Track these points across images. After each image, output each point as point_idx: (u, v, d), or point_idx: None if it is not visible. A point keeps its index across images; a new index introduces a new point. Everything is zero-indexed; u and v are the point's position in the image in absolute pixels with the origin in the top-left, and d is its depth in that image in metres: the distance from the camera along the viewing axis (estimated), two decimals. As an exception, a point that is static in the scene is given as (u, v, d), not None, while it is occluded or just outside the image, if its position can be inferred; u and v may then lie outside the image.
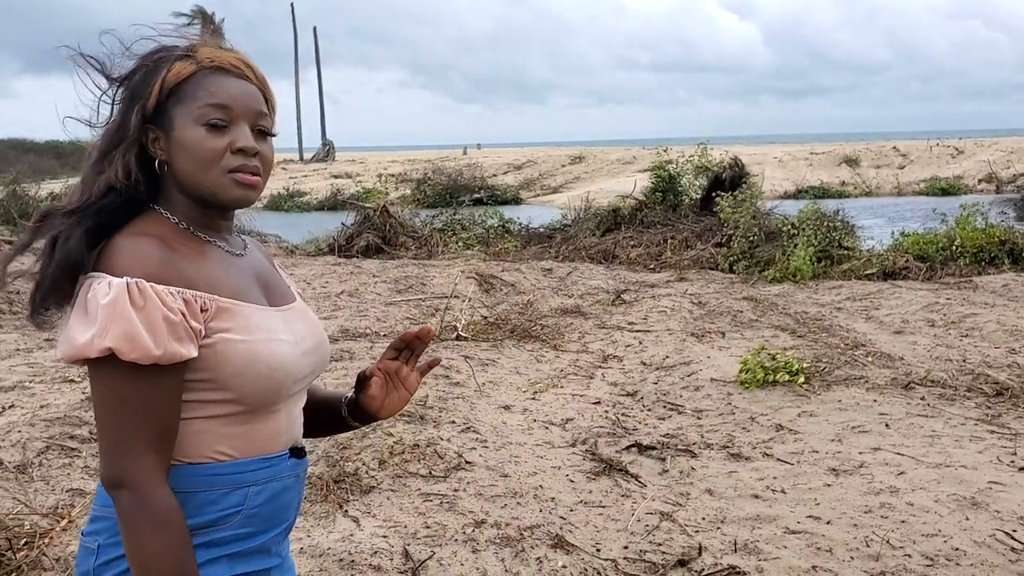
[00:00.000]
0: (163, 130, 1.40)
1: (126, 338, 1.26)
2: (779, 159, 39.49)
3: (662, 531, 3.86)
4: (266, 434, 1.45)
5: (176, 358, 1.30)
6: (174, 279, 1.32)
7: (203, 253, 1.43)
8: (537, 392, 6.12)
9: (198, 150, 1.39)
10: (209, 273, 1.40)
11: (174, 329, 1.29)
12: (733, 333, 7.97)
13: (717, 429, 5.31)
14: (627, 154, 43.08)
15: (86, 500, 3.98)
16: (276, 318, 1.46)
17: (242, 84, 1.44)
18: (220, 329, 1.36)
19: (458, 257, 12.93)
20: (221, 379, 1.36)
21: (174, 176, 1.42)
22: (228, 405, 1.39)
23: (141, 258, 1.31)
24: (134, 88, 1.41)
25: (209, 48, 1.44)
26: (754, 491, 4.33)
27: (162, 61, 1.41)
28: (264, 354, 1.38)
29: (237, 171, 1.41)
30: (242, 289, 1.44)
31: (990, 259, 11.56)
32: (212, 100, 1.39)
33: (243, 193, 1.43)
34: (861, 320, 8.52)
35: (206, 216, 1.45)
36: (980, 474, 4.46)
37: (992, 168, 35.35)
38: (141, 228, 1.38)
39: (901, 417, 5.43)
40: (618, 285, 10.72)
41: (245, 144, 1.41)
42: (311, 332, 1.54)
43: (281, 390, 1.43)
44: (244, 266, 1.50)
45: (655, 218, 14.72)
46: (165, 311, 1.28)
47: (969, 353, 7.05)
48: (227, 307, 1.38)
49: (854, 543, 3.73)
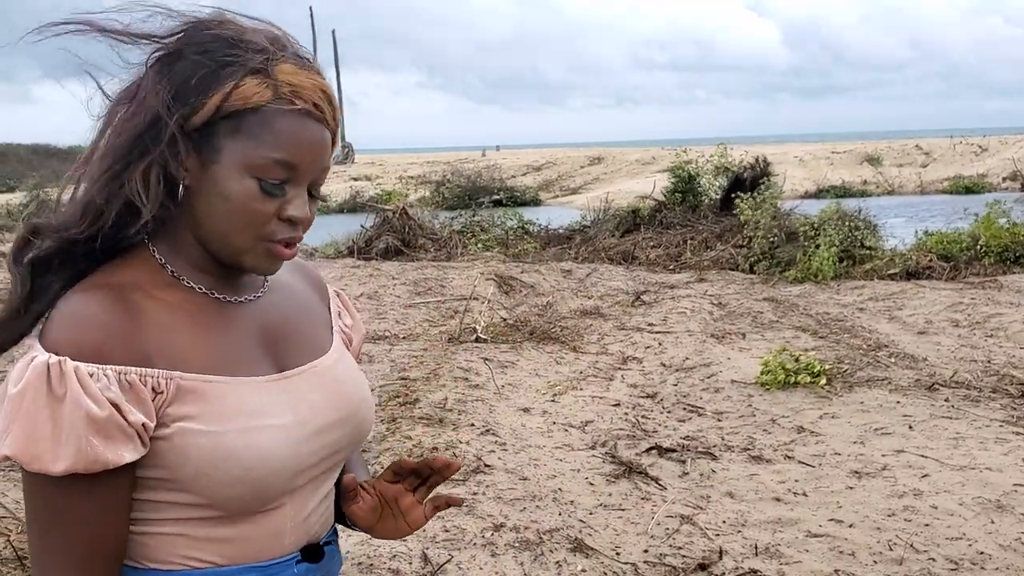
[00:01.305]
0: (199, 154, 1.07)
1: (27, 445, 0.97)
2: (800, 158, 39.25)
3: (682, 534, 3.84)
4: (263, 535, 1.14)
5: (98, 467, 0.99)
6: (119, 354, 1.02)
7: (180, 310, 1.11)
8: (556, 394, 6.10)
9: (241, 207, 1.08)
10: (179, 339, 1.08)
11: (99, 429, 0.99)
12: (753, 334, 7.92)
13: (738, 431, 5.28)
14: (646, 155, 42.97)
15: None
16: (271, 392, 1.13)
17: (316, 131, 1.10)
18: (180, 416, 1.05)
19: (477, 259, 12.93)
20: (180, 478, 1.06)
21: (194, 214, 1.10)
22: (197, 509, 1.09)
23: (79, 326, 1.01)
24: (180, 86, 1.05)
25: (290, 68, 1.08)
26: (775, 494, 4.29)
27: (227, 65, 1.06)
28: (237, 449, 1.06)
29: (277, 242, 1.11)
30: (227, 355, 1.12)
31: (1015, 258, 11.43)
32: (279, 155, 1.07)
33: (272, 265, 1.14)
34: (884, 320, 8.44)
35: (213, 264, 1.15)
36: (1005, 476, 4.41)
37: (1017, 166, 34.95)
38: (109, 277, 1.08)
39: (925, 419, 5.37)
40: (638, 286, 10.68)
41: (300, 215, 1.11)
42: (333, 402, 1.20)
43: (267, 491, 1.10)
44: (244, 319, 1.18)
45: (675, 219, 14.66)
46: (88, 405, 0.98)
47: (994, 354, 6.97)
48: (192, 387, 1.06)
49: (877, 547, 3.70)
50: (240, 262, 1.12)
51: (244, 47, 1.07)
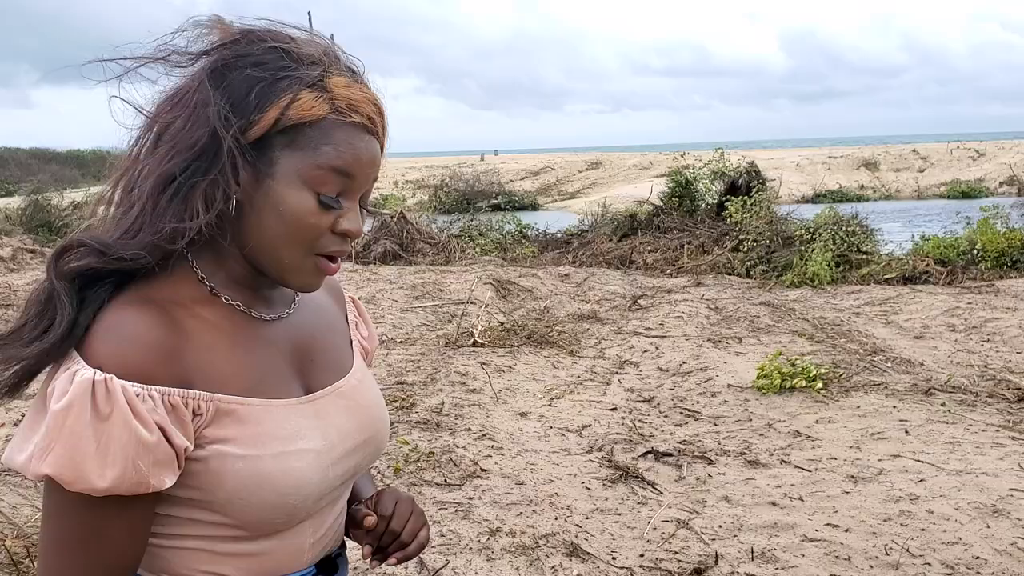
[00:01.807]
0: (255, 168, 1.04)
1: (71, 465, 0.93)
2: (797, 163, 39.31)
3: (678, 539, 3.84)
4: (283, 553, 1.14)
5: (140, 490, 0.97)
6: (162, 374, 0.99)
7: (219, 328, 1.09)
8: (554, 399, 6.10)
9: (297, 222, 1.05)
10: (219, 359, 1.06)
11: (147, 453, 0.96)
12: (750, 338, 7.92)
13: (734, 435, 5.28)
14: (644, 159, 43.03)
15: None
16: (304, 415, 1.12)
17: (371, 144, 1.09)
18: (217, 439, 1.03)
19: (475, 263, 12.94)
20: (214, 500, 1.05)
21: (243, 227, 1.07)
22: (225, 528, 1.08)
23: (124, 342, 0.97)
24: (236, 101, 1.03)
25: (344, 79, 1.07)
26: (771, 498, 4.30)
27: (283, 79, 1.04)
28: (274, 475, 1.05)
29: (327, 256, 1.10)
30: (262, 377, 1.10)
31: (1012, 263, 11.44)
32: (338, 164, 1.05)
33: (317, 282, 1.12)
34: (880, 325, 8.45)
35: (253, 277, 1.13)
36: (1001, 481, 4.41)
37: (1013, 171, 35.03)
38: (150, 291, 1.04)
39: (921, 423, 5.38)
40: (635, 290, 10.69)
41: (353, 227, 1.09)
42: (357, 425, 1.20)
43: (297, 514, 1.10)
44: (276, 338, 1.16)
45: (672, 223, 14.68)
46: (137, 429, 0.95)
47: (990, 358, 6.98)
48: (230, 409, 1.05)
49: (873, 551, 3.70)
50: (287, 279, 1.10)
51: (298, 59, 1.06)
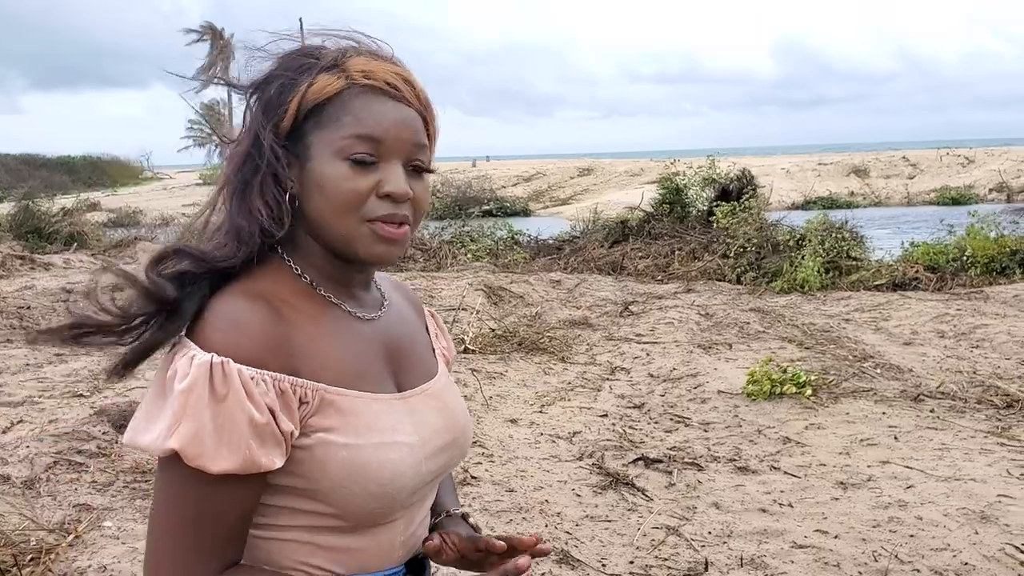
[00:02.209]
0: (297, 158, 1.13)
1: (194, 441, 1.00)
2: (787, 170, 39.46)
3: (668, 546, 3.84)
4: (376, 548, 1.18)
5: (253, 469, 1.03)
6: (273, 362, 1.05)
7: (320, 322, 1.14)
8: (544, 405, 6.10)
9: (335, 190, 1.11)
10: (321, 351, 1.12)
11: (258, 433, 1.02)
12: (740, 345, 7.94)
13: (724, 442, 5.29)
14: (635, 166, 43.13)
15: (93, 515, 3.99)
16: (399, 411, 1.17)
17: (399, 109, 1.14)
18: (321, 427, 1.08)
19: (467, 269, 12.94)
20: (317, 489, 1.09)
21: (305, 216, 1.15)
22: (325, 518, 1.12)
23: (237, 330, 1.04)
24: (268, 103, 1.13)
25: (363, 58, 1.15)
26: (761, 505, 4.30)
27: (303, 71, 1.13)
28: (374, 465, 1.10)
29: (380, 221, 1.13)
30: (361, 371, 1.15)
31: (1001, 269, 11.50)
32: (359, 130, 1.11)
33: (385, 249, 1.15)
34: (870, 331, 8.48)
35: (340, 268, 1.19)
36: (990, 487, 4.43)
37: (1003, 177, 35.23)
38: (255, 285, 1.11)
39: (910, 430, 5.40)
40: (626, 296, 10.71)
41: (394, 188, 1.12)
42: (445, 424, 1.24)
43: (393, 506, 1.14)
44: (372, 336, 1.21)
45: (663, 230, 14.72)
46: (250, 409, 1.01)
47: (979, 364, 7.01)
48: (334, 399, 1.10)
49: (862, 558, 3.71)
50: (354, 251, 1.14)
51: (319, 54, 1.16)
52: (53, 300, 10.16)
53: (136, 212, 27.38)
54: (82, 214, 19.58)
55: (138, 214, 26.91)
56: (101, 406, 5.41)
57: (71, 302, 1.19)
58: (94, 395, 5.91)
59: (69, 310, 1.11)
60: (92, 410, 5.39)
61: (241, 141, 1.14)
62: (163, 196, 38.60)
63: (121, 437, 5.01)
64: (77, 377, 6.44)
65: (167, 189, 44.47)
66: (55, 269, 13.25)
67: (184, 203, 31.37)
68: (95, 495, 4.26)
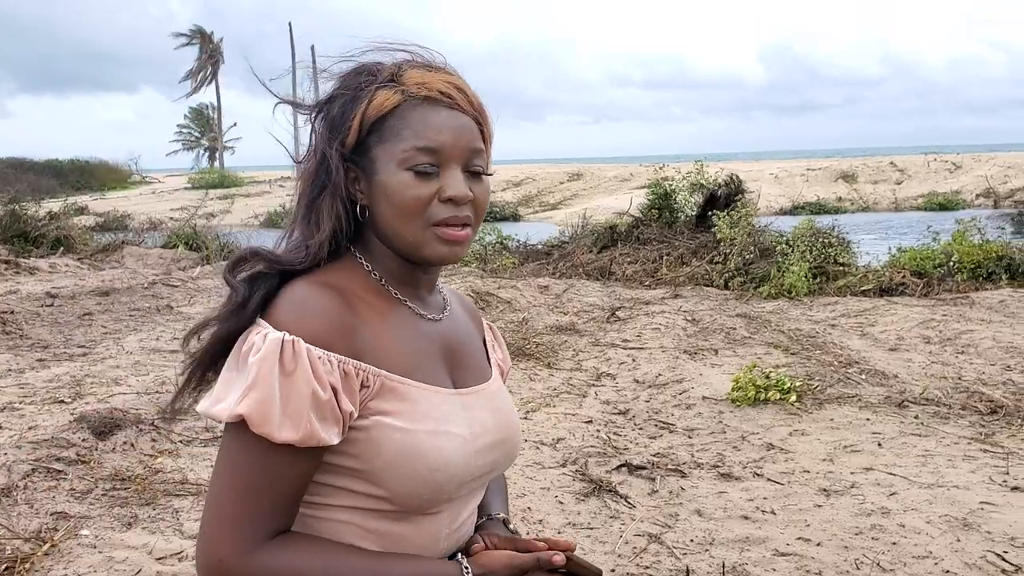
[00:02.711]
0: (364, 172, 1.23)
1: (260, 408, 1.08)
2: (775, 175, 39.58)
3: (650, 554, 3.82)
4: (421, 538, 1.24)
5: (312, 442, 1.11)
6: (339, 345, 1.14)
7: (387, 316, 1.24)
8: (529, 411, 6.08)
9: (401, 199, 1.20)
10: (385, 341, 1.20)
11: (319, 409, 1.10)
12: (726, 350, 7.94)
13: (708, 448, 5.28)
14: (624, 171, 43.21)
15: (70, 523, 3.95)
16: (454, 404, 1.25)
17: (455, 117, 1.23)
18: (380, 411, 1.16)
19: (455, 274, 12.92)
20: (370, 470, 1.16)
21: (375, 224, 1.26)
22: (376, 500, 1.19)
23: (308, 313, 1.13)
24: (332, 122, 1.23)
25: (418, 71, 1.24)
26: (744, 512, 4.29)
27: (363, 89, 1.22)
28: (426, 449, 1.17)
29: (443, 224, 1.22)
30: (420, 364, 1.24)
31: (987, 275, 11.55)
32: (419, 142, 1.20)
33: (449, 250, 1.24)
34: (855, 337, 8.49)
35: (408, 270, 1.29)
36: (972, 494, 4.43)
37: (990, 183, 35.42)
38: (327, 277, 1.22)
39: (894, 436, 5.40)
40: (613, 302, 10.70)
41: (456, 193, 1.21)
42: (497, 424, 1.31)
43: (440, 494, 1.21)
44: (433, 335, 1.30)
45: (651, 235, 14.73)
46: (315, 386, 1.09)
47: (964, 370, 7.02)
48: (393, 386, 1.18)
49: (844, 565, 3.70)
50: (421, 254, 1.24)
51: (376, 70, 1.25)
52: (38, 305, 10.10)
53: (124, 216, 27.23)
54: (69, 218, 19.51)
55: (126, 218, 26.76)
56: (81, 412, 5.36)
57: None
58: (75, 401, 5.87)
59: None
60: (72, 417, 5.35)
61: (310, 159, 1.26)
62: (151, 200, 38.44)
63: (101, 444, 4.97)
64: (59, 383, 6.39)
65: (156, 193, 44.31)
66: (40, 273, 13.18)
67: (172, 207, 31.27)
68: (73, 503, 4.22)
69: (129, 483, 4.47)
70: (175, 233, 18.86)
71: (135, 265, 15.00)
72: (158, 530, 3.93)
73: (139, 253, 16.24)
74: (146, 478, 4.54)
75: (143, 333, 8.58)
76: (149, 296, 11.22)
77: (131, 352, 7.61)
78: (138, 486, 4.43)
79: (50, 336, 8.42)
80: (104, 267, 14.54)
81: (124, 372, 6.76)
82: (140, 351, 7.67)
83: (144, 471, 4.68)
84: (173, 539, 3.84)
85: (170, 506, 4.22)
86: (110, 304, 10.49)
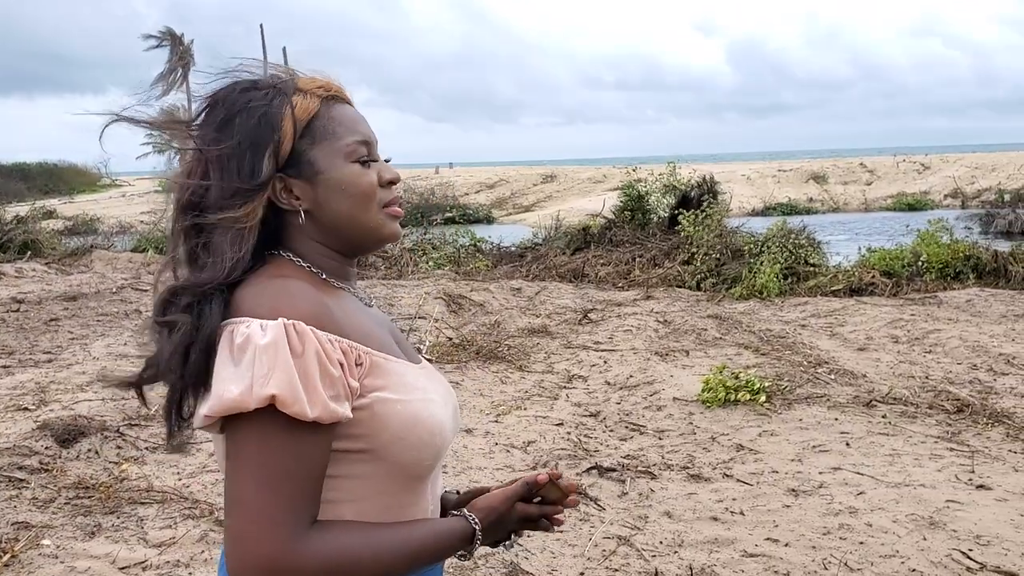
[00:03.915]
0: (301, 176, 1.23)
1: (290, 387, 1.07)
2: (747, 176, 39.85)
3: (619, 556, 3.82)
4: (419, 506, 1.28)
5: (334, 419, 1.11)
6: (329, 325, 1.14)
7: (342, 301, 1.25)
8: (500, 414, 6.07)
9: (358, 188, 1.25)
10: (357, 321, 1.22)
11: (332, 385, 1.11)
12: (697, 351, 7.96)
13: (678, 449, 5.29)
14: (598, 173, 43.29)
15: (31, 534, 3.88)
16: (423, 376, 1.29)
17: (355, 111, 1.31)
18: (375, 387, 1.18)
19: (428, 277, 12.88)
20: (377, 447, 1.17)
21: (320, 224, 1.26)
22: (377, 481, 1.20)
23: (293, 298, 1.13)
24: (250, 134, 1.20)
25: (307, 78, 1.28)
26: (713, 513, 4.30)
27: (274, 99, 1.23)
28: (424, 416, 1.21)
29: (391, 204, 1.30)
30: (385, 342, 1.26)
31: (955, 274, 11.67)
32: (356, 136, 1.26)
33: (397, 227, 1.32)
34: (825, 337, 8.55)
35: (343, 264, 1.31)
36: (938, 493, 4.46)
37: (957, 183, 35.85)
38: (278, 271, 1.21)
39: (862, 435, 5.43)
40: (585, 304, 10.71)
41: (393, 176, 1.31)
42: (448, 392, 1.36)
43: (438, 458, 1.26)
44: (379, 317, 1.34)
45: (624, 237, 14.76)
46: (326, 362, 1.10)
47: (932, 369, 7.09)
48: (379, 362, 1.20)
49: (812, 566, 3.71)
50: (379, 236, 1.30)
51: (269, 85, 1.25)
52: (3, 310, 9.95)
53: (94, 219, 26.90)
54: (37, 222, 19.23)
55: (95, 221, 26.45)
56: (45, 420, 5.28)
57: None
58: (39, 408, 5.77)
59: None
60: (35, 424, 5.26)
61: (224, 176, 1.19)
62: (121, 203, 38.03)
63: (65, 452, 4.90)
64: (23, 390, 6.29)
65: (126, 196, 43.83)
66: (7, 279, 12.99)
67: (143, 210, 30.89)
68: (35, 512, 4.15)
69: (93, 491, 4.41)
70: (145, 237, 18.65)
71: (104, 269, 14.81)
72: (122, 539, 3.88)
73: (108, 257, 16.05)
74: (110, 486, 4.48)
75: (110, 338, 8.47)
76: (117, 301, 11.08)
77: (98, 358, 7.51)
78: (102, 494, 4.36)
79: (15, 342, 8.29)
80: (72, 272, 14.35)
81: (90, 378, 6.66)
82: (107, 357, 7.57)
83: (109, 479, 4.61)
84: (137, 548, 3.78)
85: (135, 514, 4.16)
86: (77, 309, 10.35)
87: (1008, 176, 35.10)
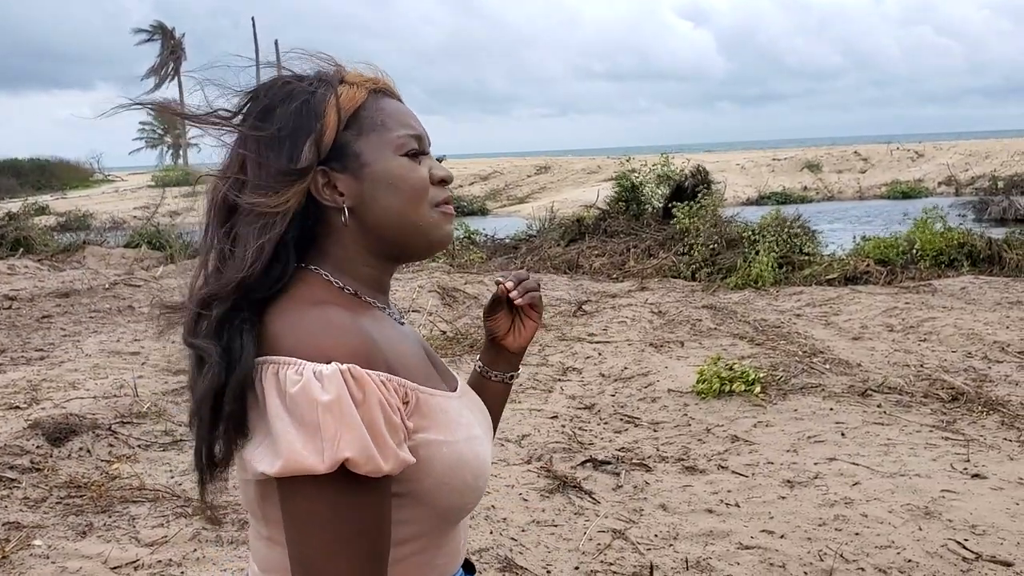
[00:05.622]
0: (347, 169, 1.13)
1: (362, 447, 0.97)
2: (741, 166, 39.82)
3: (614, 549, 3.80)
4: (451, 554, 1.19)
5: (402, 467, 1.02)
6: (378, 361, 1.03)
7: (383, 325, 1.14)
8: (494, 408, 6.04)
9: (409, 182, 1.15)
10: (399, 352, 1.11)
11: (394, 431, 1.01)
12: (692, 342, 7.95)
13: (673, 441, 5.27)
14: (592, 164, 43.25)
15: (22, 534, 3.85)
16: (464, 408, 1.19)
17: (405, 106, 1.22)
18: (421, 428, 1.08)
19: (422, 269, 12.84)
20: (419, 491, 1.08)
21: (365, 223, 1.15)
22: (413, 526, 1.11)
23: (344, 335, 1.01)
24: (291, 121, 1.11)
25: (353, 71, 1.20)
26: (708, 505, 4.28)
27: (318, 90, 1.14)
28: (469, 458, 1.12)
29: (443, 203, 1.19)
30: (425, 370, 1.16)
31: (949, 262, 11.67)
32: (406, 130, 1.17)
33: (449, 230, 1.21)
34: (820, 326, 8.54)
35: (384, 272, 1.21)
36: (934, 483, 4.45)
37: (951, 171, 35.86)
38: (310, 293, 1.10)
39: (857, 426, 5.42)
40: (580, 296, 10.68)
41: (447, 174, 1.20)
42: (486, 419, 1.27)
43: (478, 497, 1.16)
44: (414, 338, 1.22)
45: (619, 227, 14.73)
46: (388, 410, 1.00)
47: (926, 358, 7.08)
48: (425, 399, 1.10)
49: (807, 557, 3.70)
50: (432, 237, 1.18)
51: (312, 77, 1.17)
52: (-5, 308, 9.90)
53: (86, 215, 26.75)
54: (29, 218, 19.13)
55: (88, 217, 26.31)
56: (36, 418, 5.24)
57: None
58: (31, 407, 5.74)
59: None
60: (27, 423, 5.23)
61: (263, 169, 1.10)
62: (114, 199, 37.87)
63: (56, 451, 4.86)
64: (14, 388, 6.25)
65: (118, 191, 43.66)
66: (-2, 276, 12.93)
67: (135, 205, 30.79)
68: (26, 512, 4.12)
69: (85, 490, 4.38)
70: (138, 232, 18.57)
71: (96, 265, 14.76)
72: (113, 538, 3.85)
73: (101, 253, 15.99)
74: (102, 485, 4.45)
75: (103, 335, 8.43)
76: (110, 297, 11.04)
77: (90, 355, 7.47)
78: (94, 493, 4.34)
79: (7, 340, 8.25)
80: (65, 268, 14.29)
81: (82, 376, 6.63)
82: (100, 354, 7.54)
83: (100, 478, 4.59)
84: (129, 547, 3.76)
85: (127, 513, 4.14)
86: (70, 306, 10.31)
87: (1002, 163, 35.13)
